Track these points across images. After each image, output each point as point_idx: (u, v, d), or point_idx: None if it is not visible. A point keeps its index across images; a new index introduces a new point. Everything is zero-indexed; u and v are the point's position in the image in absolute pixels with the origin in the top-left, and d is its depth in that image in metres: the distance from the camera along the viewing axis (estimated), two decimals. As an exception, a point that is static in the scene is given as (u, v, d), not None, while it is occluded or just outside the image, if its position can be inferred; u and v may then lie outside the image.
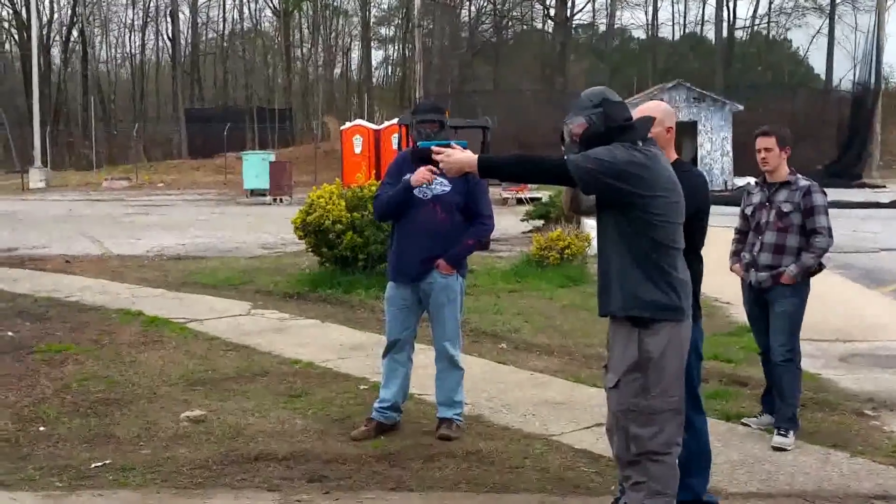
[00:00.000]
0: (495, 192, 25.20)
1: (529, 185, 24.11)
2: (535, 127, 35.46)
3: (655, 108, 3.49)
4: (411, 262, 4.42)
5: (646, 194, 2.93)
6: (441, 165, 3.08)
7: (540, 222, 14.45)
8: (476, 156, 3.02)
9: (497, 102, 39.97)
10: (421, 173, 4.29)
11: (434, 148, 3.09)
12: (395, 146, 25.99)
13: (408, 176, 4.39)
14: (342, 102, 50.69)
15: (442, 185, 4.41)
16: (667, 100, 27.39)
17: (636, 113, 3.34)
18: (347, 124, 29.75)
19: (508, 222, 15.55)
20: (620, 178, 2.90)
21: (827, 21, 46.92)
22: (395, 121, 25.83)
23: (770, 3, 50.14)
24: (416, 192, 4.41)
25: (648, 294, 2.98)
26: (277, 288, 9.26)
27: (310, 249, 9.31)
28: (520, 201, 24.18)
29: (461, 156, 3.04)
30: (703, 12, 58.34)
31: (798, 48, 53.11)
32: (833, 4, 46.27)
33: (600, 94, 3.09)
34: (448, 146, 3.09)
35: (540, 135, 34.15)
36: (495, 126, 29.48)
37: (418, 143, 4.28)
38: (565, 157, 2.95)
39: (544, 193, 18.69)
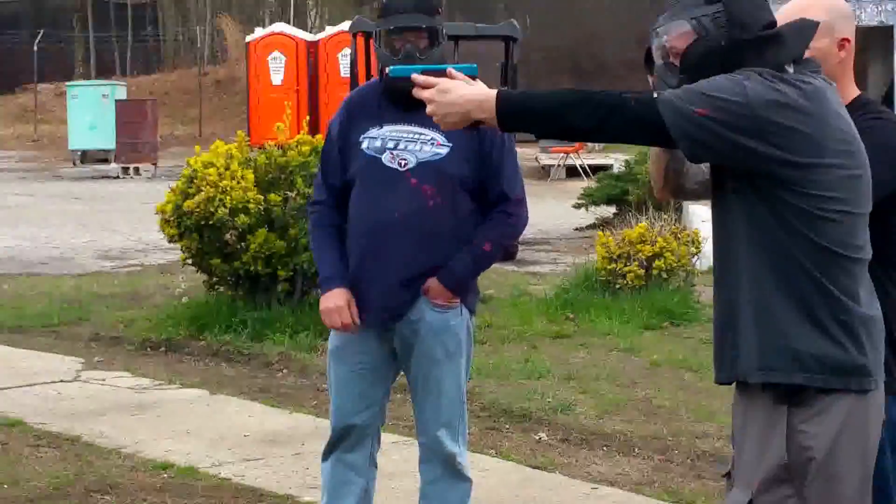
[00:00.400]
0: (527, 153, 25.12)
1: (588, 143, 24.16)
2: (600, 37, 35.22)
3: (818, 5, 3.53)
4: (378, 286, 4.49)
5: (803, 161, 2.98)
6: (429, 109, 3.12)
7: (609, 209, 14.54)
8: (493, 91, 3.07)
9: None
10: (330, 312, 4.45)
11: (417, 78, 3.13)
12: (344, 72, 25.92)
13: (329, 278, 4.55)
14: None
15: (432, 145, 4.46)
16: (839, -11, 27.41)
17: (783, 14, 3.37)
18: (258, 32, 29.67)
19: (552, 209, 15.54)
20: (757, 133, 2.96)
21: None
22: (346, 26, 25.69)
23: None
24: (384, 158, 4.47)
25: (807, 343, 3.03)
26: (131, 331, 9.25)
27: (189, 260, 9.32)
28: (572, 171, 24.18)
29: (466, 92, 3.08)
30: None
31: None
32: None
33: None
34: (442, 73, 3.14)
35: (610, 52, 33.95)
36: (528, 36, 29.31)
37: (388, 69, 4.26)
38: (655, 95, 3.01)
39: (616, 156, 18.68)
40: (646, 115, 2.96)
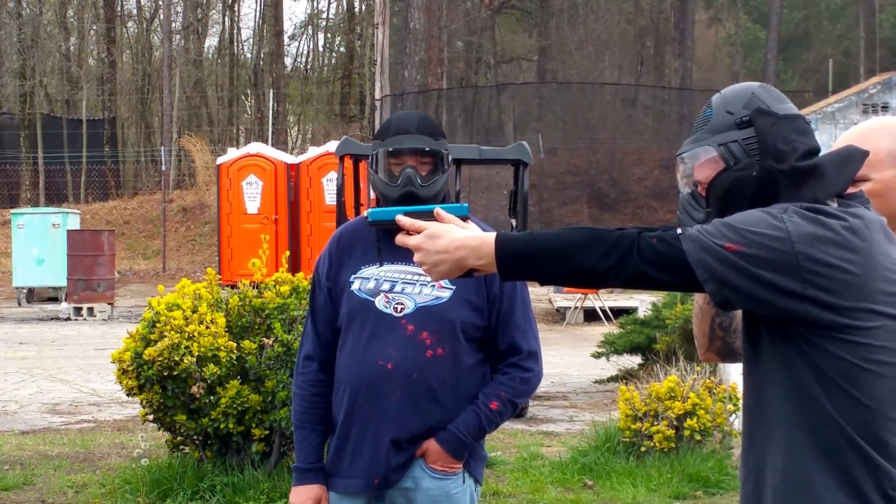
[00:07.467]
0: (538, 293, 25.12)
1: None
2: (622, 161, 35.07)
3: (883, 131, 3.48)
4: (368, 447, 4.46)
5: (846, 305, 2.95)
6: (417, 257, 3.14)
7: (633, 359, 14.52)
8: (491, 234, 3.07)
9: (548, 107, 39.73)
10: None
11: (403, 221, 3.16)
12: (329, 200, 25.96)
13: None
14: (220, 108, 50.77)
15: (433, 288, 4.47)
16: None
17: (843, 140, 3.38)
18: (231, 153, 29.68)
19: (568, 359, 15.54)
20: (797, 273, 2.93)
21: None
22: (331, 147, 25.74)
23: None
24: (377, 302, 4.46)
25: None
26: (83, 498, 9.16)
27: (150, 416, 9.21)
28: (591, 314, 24.09)
29: (459, 236, 3.09)
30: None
31: None
32: None
33: (751, 98, 3.17)
34: (429, 215, 3.16)
35: (634, 178, 33.85)
36: (542, 157, 29.04)
37: (366, 213, 4.34)
38: (679, 231, 2.99)
39: (641, 298, 18.61)
40: (668, 253, 2.94)
